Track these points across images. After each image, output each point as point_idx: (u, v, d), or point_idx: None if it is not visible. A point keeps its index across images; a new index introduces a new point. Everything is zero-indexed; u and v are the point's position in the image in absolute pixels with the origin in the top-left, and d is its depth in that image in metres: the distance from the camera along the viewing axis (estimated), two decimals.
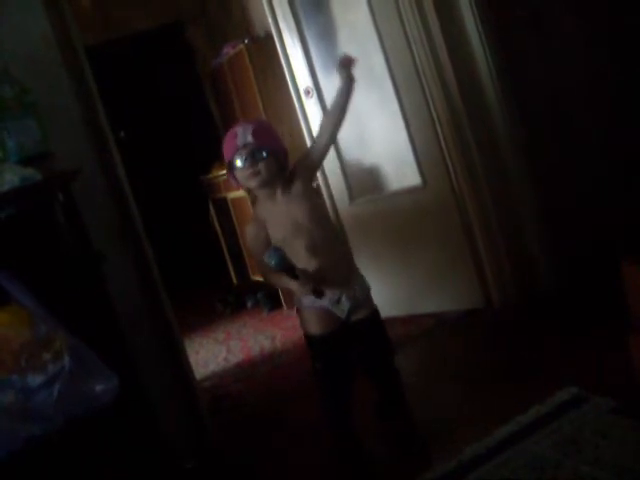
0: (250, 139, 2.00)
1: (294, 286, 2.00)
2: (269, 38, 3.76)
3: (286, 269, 1.95)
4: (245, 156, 2.00)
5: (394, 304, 3.38)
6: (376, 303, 2.22)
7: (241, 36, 4.24)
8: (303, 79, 3.52)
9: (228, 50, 4.35)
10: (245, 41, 4.11)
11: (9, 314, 1.72)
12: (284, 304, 4.15)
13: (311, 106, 3.52)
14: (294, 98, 3.58)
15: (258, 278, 4.29)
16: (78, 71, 2.42)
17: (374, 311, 2.17)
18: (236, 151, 2.02)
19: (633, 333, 1.99)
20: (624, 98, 3.17)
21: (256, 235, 2.10)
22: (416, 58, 3.07)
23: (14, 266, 1.75)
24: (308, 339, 2.16)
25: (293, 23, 3.47)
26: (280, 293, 4.12)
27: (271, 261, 1.93)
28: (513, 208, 3.11)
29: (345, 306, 2.10)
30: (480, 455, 1.96)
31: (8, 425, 1.62)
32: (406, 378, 2.36)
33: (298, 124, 3.59)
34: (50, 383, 1.66)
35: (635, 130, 3.12)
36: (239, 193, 4.20)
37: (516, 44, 3.02)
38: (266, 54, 3.92)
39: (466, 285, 3.24)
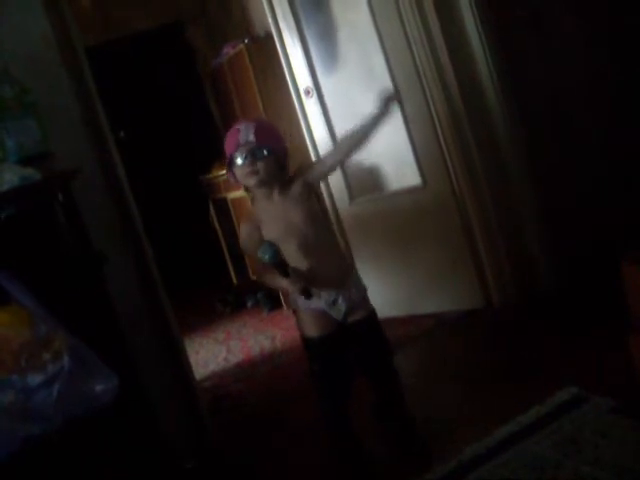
0: (252, 137, 2.00)
1: (285, 284, 1.99)
2: (269, 38, 3.76)
3: (279, 265, 1.94)
4: (245, 154, 2.00)
5: (394, 304, 3.38)
6: (376, 303, 2.22)
7: (241, 36, 4.24)
8: (303, 79, 3.52)
9: (228, 50, 4.35)
10: (245, 41, 4.10)
11: (9, 314, 1.72)
12: (284, 304, 4.15)
13: (311, 106, 3.52)
14: (294, 98, 3.58)
15: None
16: (78, 71, 2.42)
17: (371, 312, 2.16)
18: (237, 148, 2.02)
19: (633, 333, 1.99)
20: (624, 98, 3.17)
21: (249, 234, 2.10)
22: (416, 58, 3.07)
23: (14, 266, 1.74)
24: (305, 341, 2.15)
25: (293, 23, 3.47)
26: (280, 293, 4.12)
27: (264, 255, 1.92)
28: (513, 208, 3.11)
29: (341, 307, 2.09)
30: (480, 455, 1.96)
31: (8, 425, 1.62)
32: (406, 378, 2.36)
33: (298, 124, 3.59)
34: (50, 383, 1.66)
35: (635, 130, 3.12)
36: (239, 193, 4.19)
37: (516, 44, 3.02)
38: (266, 54, 3.92)
39: (466, 285, 3.24)
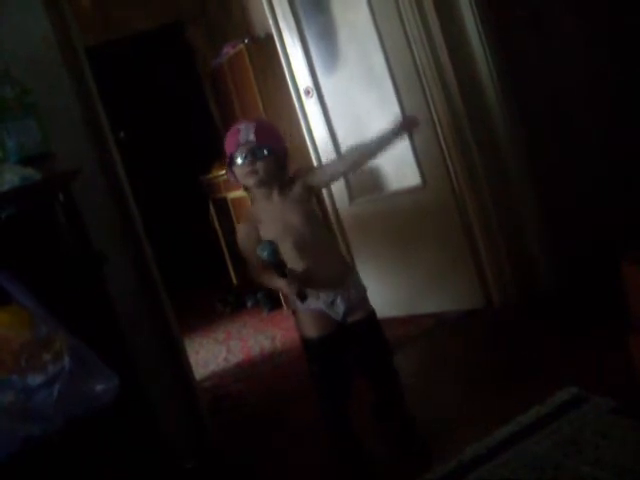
0: (252, 137, 2.01)
1: (281, 284, 1.99)
2: (269, 38, 3.76)
3: (277, 264, 1.93)
4: (245, 153, 2.01)
5: (394, 304, 3.39)
6: (376, 303, 2.22)
7: (241, 36, 4.24)
8: (303, 79, 3.52)
9: (228, 50, 4.35)
10: (245, 41, 4.10)
11: (9, 314, 1.72)
12: (284, 304, 4.15)
13: (311, 106, 3.52)
14: (294, 98, 3.58)
15: None
16: (78, 71, 2.42)
17: (370, 313, 2.16)
18: (237, 147, 2.02)
19: (633, 333, 1.99)
20: (624, 98, 3.17)
21: (247, 234, 2.09)
22: (416, 58, 3.07)
23: (14, 266, 1.74)
24: (304, 342, 2.15)
25: (293, 23, 3.47)
26: (280, 293, 4.11)
27: (263, 253, 1.91)
28: (513, 208, 3.11)
29: (340, 308, 2.09)
30: (480, 455, 1.96)
31: (8, 425, 1.62)
32: (406, 378, 2.36)
33: (298, 124, 3.59)
34: (50, 383, 1.66)
35: (635, 130, 3.12)
36: (239, 193, 4.19)
37: (516, 44, 3.02)
38: (266, 54, 3.92)
39: (466, 285, 3.24)
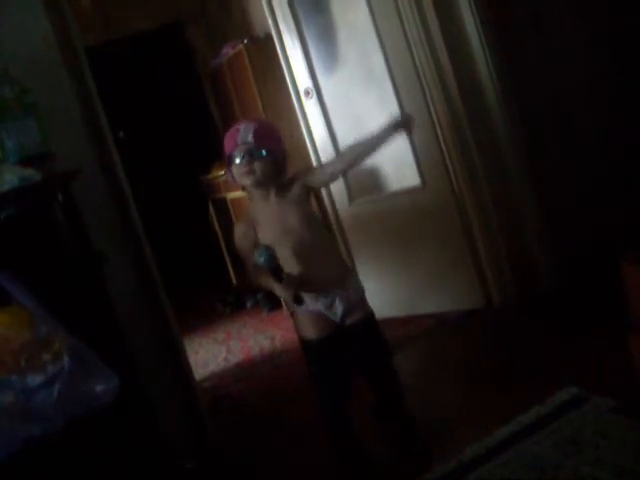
0: (250, 138, 2.01)
1: (277, 289, 1.99)
2: (269, 39, 3.76)
3: (274, 269, 1.93)
4: (243, 154, 2.01)
5: (394, 304, 3.39)
6: (376, 304, 2.22)
7: (241, 36, 4.24)
8: (303, 80, 3.52)
9: (228, 50, 4.35)
10: (245, 41, 4.10)
11: (9, 314, 1.72)
12: (284, 305, 4.15)
13: (311, 107, 3.52)
14: (294, 99, 3.58)
15: None
16: (78, 71, 2.43)
17: (369, 314, 2.15)
18: (236, 147, 2.02)
19: (633, 333, 1.99)
20: (624, 98, 3.17)
21: (245, 234, 2.09)
22: (416, 58, 3.07)
23: (14, 266, 1.75)
24: (303, 343, 2.15)
25: (293, 24, 3.47)
26: None
27: (260, 258, 1.92)
28: (513, 208, 3.11)
29: (338, 309, 2.09)
30: (480, 455, 1.96)
31: (8, 425, 1.62)
32: (406, 378, 2.36)
33: (298, 125, 3.59)
34: (50, 383, 1.66)
35: (635, 130, 3.12)
36: (239, 193, 4.19)
37: (516, 44, 3.02)
38: (266, 55, 3.92)
39: (466, 285, 3.24)
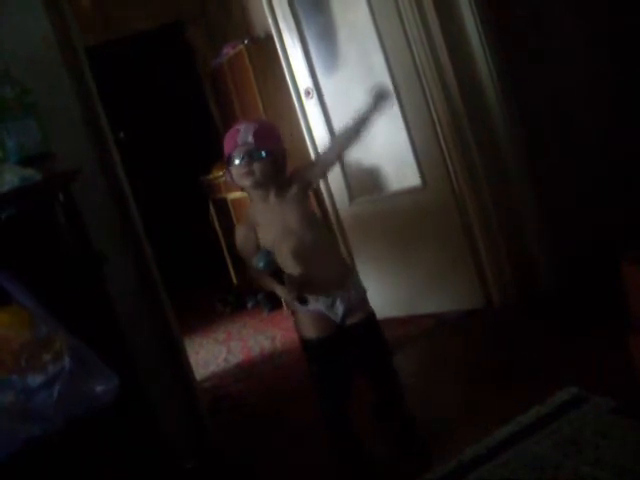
0: (250, 139, 2.00)
1: (280, 291, 2.00)
2: (269, 38, 3.76)
3: (274, 272, 1.94)
4: (242, 154, 2.00)
5: (394, 304, 3.39)
6: (376, 304, 2.22)
7: (241, 36, 4.24)
8: (303, 80, 3.52)
9: (228, 50, 4.35)
10: (245, 41, 4.10)
11: (9, 314, 1.72)
12: (284, 305, 4.15)
13: (311, 107, 3.51)
14: (294, 99, 3.58)
15: None
16: (78, 71, 2.42)
17: (370, 314, 2.15)
18: (235, 148, 2.02)
19: (633, 333, 1.99)
20: (624, 98, 3.17)
21: (246, 236, 2.09)
22: (416, 58, 3.07)
23: (14, 266, 1.75)
24: (303, 343, 2.15)
25: (293, 23, 3.47)
26: None
27: (259, 263, 1.92)
28: (513, 208, 3.11)
29: (339, 310, 2.09)
30: (480, 455, 1.96)
31: (8, 425, 1.62)
32: (406, 378, 2.36)
33: (298, 125, 3.59)
34: (50, 383, 1.66)
35: (635, 130, 3.12)
36: (239, 194, 4.19)
37: (516, 44, 3.02)
38: (266, 54, 3.92)
39: (466, 285, 3.24)
